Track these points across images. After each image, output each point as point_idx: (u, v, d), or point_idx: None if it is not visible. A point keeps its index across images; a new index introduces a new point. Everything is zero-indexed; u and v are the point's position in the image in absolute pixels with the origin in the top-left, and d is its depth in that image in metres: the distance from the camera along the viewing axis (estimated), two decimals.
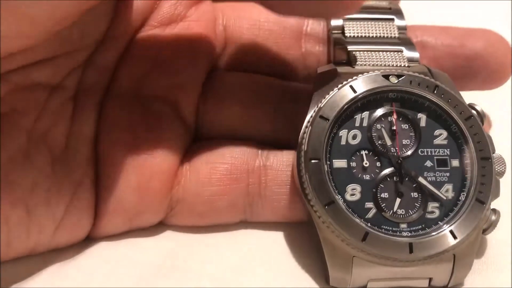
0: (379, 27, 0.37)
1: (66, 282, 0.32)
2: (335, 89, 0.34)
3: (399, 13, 0.38)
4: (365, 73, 0.34)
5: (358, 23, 0.37)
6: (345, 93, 0.33)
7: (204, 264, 0.33)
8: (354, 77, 0.34)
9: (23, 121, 0.31)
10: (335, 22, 0.37)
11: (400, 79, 0.34)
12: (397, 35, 0.37)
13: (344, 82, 0.34)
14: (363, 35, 0.37)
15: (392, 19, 0.38)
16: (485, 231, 0.33)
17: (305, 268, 0.34)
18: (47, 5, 0.27)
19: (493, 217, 0.33)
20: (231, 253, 0.34)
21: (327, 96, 0.33)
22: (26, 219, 0.31)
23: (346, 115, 0.33)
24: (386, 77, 0.34)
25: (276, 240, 0.35)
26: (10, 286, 0.31)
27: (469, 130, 0.33)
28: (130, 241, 0.34)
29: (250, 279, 0.33)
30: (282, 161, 0.35)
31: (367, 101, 0.34)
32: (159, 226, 0.35)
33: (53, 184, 0.32)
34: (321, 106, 0.33)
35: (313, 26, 0.38)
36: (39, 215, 0.31)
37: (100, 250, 0.34)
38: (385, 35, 0.37)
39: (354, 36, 0.37)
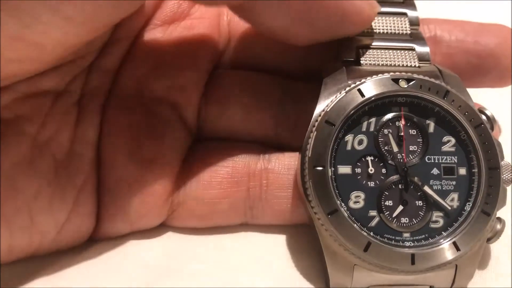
0: (390, 23, 0.36)
1: (66, 283, 0.32)
2: (343, 92, 0.32)
3: (412, 6, 0.37)
4: (374, 76, 0.33)
5: None
6: (352, 97, 0.32)
7: (205, 265, 0.33)
8: (363, 80, 0.33)
9: (27, 128, 0.31)
10: None
11: (410, 83, 0.32)
12: (409, 32, 0.36)
13: (352, 85, 0.32)
14: (373, 30, 0.35)
15: (405, 14, 0.36)
16: (489, 239, 0.33)
17: (306, 271, 0.34)
18: (56, 33, 0.26)
19: (498, 226, 0.33)
20: (232, 255, 0.34)
21: (334, 99, 0.32)
22: (29, 225, 0.31)
23: (353, 119, 0.32)
24: (396, 81, 0.32)
25: (276, 243, 0.35)
26: (10, 287, 0.31)
27: (479, 139, 0.32)
28: (131, 242, 0.34)
29: (251, 281, 0.33)
30: (284, 164, 0.34)
31: (375, 105, 0.33)
32: (161, 227, 0.35)
33: (56, 189, 0.31)
34: (327, 110, 0.32)
35: None
36: (41, 220, 0.31)
37: (101, 251, 0.33)
38: (397, 32, 0.36)
39: (363, 32, 0.35)
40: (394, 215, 0.32)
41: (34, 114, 0.31)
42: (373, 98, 0.32)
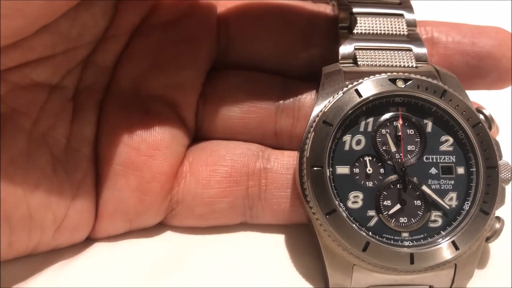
0: (387, 24, 0.36)
1: (66, 282, 0.32)
2: (340, 93, 0.33)
3: (409, 8, 0.37)
4: (372, 76, 0.33)
5: (366, 18, 0.36)
6: (350, 97, 0.32)
7: (204, 264, 0.34)
8: (360, 80, 0.33)
9: (23, 122, 0.31)
10: (343, 19, 0.36)
11: (407, 83, 0.33)
12: (406, 33, 0.36)
13: (350, 86, 0.33)
14: (371, 32, 0.36)
15: (402, 15, 0.36)
16: (488, 239, 0.33)
17: (305, 271, 0.34)
18: None
19: (497, 225, 0.33)
20: (231, 254, 0.34)
21: (332, 99, 0.33)
22: (28, 220, 0.31)
23: (350, 120, 0.33)
24: (393, 81, 0.33)
25: (276, 243, 0.35)
26: (10, 286, 0.32)
27: (476, 138, 0.32)
28: (130, 241, 0.34)
29: (250, 280, 0.33)
30: (283, 164, 0.35)
31: (373, 106, 0.33)
32: (159, 227, 0.35)
33: (55, 185, 0.31)
34: (325, 110, 0.32)
35: (320, 22, 0.37)
36: (40, 216, 0.31)
37: (100, 250, 0.34)
38: (394, 33, 0.36)
39: (361, 33, 0.36)
40: (391, 213, 0.32)
41: (29, 108, 0.31)
42: (370, 98, 0.32)
